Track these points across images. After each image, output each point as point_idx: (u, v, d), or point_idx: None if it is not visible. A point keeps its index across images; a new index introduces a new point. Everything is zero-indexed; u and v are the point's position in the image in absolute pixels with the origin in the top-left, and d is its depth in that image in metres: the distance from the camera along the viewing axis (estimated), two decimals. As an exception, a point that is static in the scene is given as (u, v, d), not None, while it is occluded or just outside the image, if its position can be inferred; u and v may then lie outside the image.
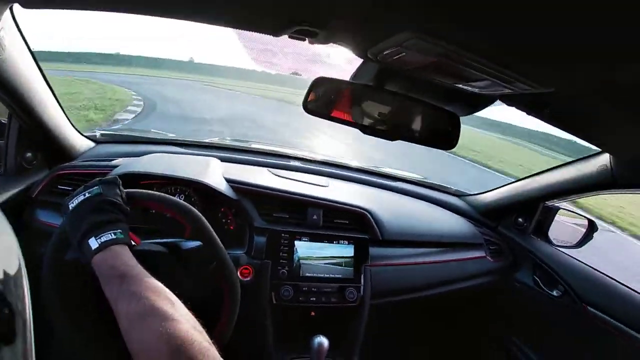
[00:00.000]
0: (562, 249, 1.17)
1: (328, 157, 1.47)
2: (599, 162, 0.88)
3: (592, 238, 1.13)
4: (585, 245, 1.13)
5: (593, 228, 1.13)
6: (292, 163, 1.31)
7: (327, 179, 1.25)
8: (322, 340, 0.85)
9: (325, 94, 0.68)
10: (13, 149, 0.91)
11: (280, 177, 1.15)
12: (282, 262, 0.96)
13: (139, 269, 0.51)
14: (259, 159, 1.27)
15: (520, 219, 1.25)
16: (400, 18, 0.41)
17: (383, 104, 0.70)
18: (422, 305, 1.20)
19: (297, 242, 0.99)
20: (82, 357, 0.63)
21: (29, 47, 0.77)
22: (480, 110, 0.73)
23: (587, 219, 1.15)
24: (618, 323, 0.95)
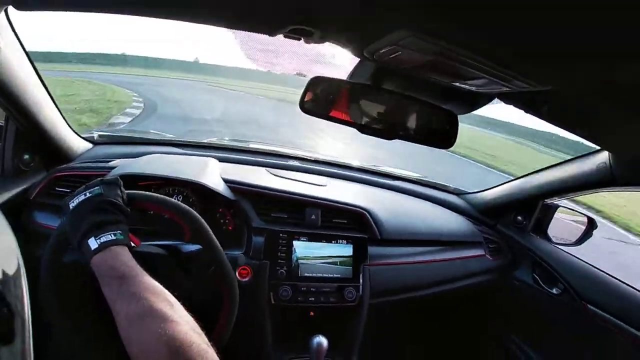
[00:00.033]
0: (561, 247, 1.17)
1: (326, 156, 1.46)
2: (598, 159, 0.87)
3: (591, 235, 1.12)
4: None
5: (592, 225, 1.13)
6: (290, 163, 1.31)
7: (325, 179, 1.25)
8: (321, 340, 0.85)
9: (322, 94, 0.68)
10: (10, 151, 0.91)
11: (279, 176, 1.15)
12: (280, 262, 0.96)
13: (139, 270, 0.51)
14: (257, 159, 1.27)
15: (520, 217, 1.25)
16: (400, 18, 0.41)
17: (380, 103, 0.69)
18: (421, 304, 1.20)
19: (295, 242, 0.98)
20: (81, 357, 0.63)
21: (25, 49, 0.76)
22: (478, 109, 0.73)
23: (586, 217, 1.15)
24: (618, 321, 0.95)
